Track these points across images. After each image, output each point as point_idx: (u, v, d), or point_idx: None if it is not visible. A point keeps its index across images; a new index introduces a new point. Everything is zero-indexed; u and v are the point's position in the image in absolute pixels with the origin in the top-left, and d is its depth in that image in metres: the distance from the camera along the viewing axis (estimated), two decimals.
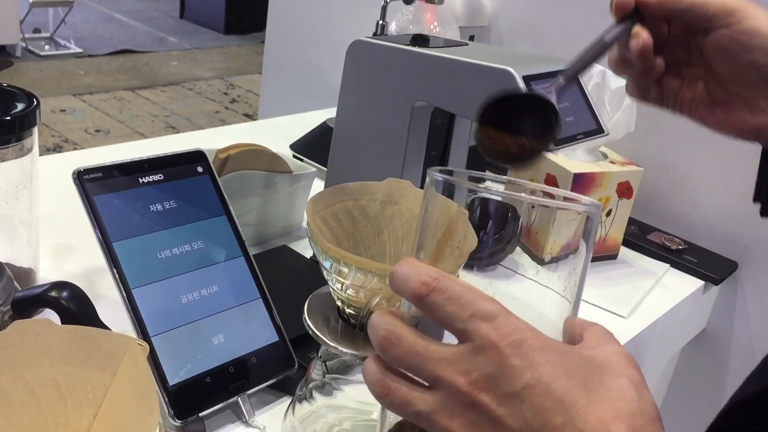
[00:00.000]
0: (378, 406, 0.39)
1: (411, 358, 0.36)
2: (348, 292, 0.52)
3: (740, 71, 0.53)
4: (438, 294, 0.36)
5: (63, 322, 0.49)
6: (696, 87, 0.56)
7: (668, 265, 1.05)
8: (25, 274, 0.75)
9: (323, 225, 0.54)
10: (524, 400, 0.34)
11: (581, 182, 1.00)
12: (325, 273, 0.53)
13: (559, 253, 0.50)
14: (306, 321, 0.56)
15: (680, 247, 1.08)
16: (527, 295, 0.57)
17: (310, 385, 0.61)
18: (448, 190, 0.45)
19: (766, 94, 0.52)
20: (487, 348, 0.34)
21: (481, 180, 0.50)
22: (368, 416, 0.60)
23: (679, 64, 0.56)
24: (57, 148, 3.40)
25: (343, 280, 0.51)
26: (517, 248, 0.63)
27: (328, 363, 0.61)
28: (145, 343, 0.43)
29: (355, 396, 0.59)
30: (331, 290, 0.56)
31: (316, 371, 0.61)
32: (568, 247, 0.48)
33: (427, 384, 0.36)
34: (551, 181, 1.03)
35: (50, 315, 0.49)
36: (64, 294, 0.49)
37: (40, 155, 1.00)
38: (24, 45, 4.52)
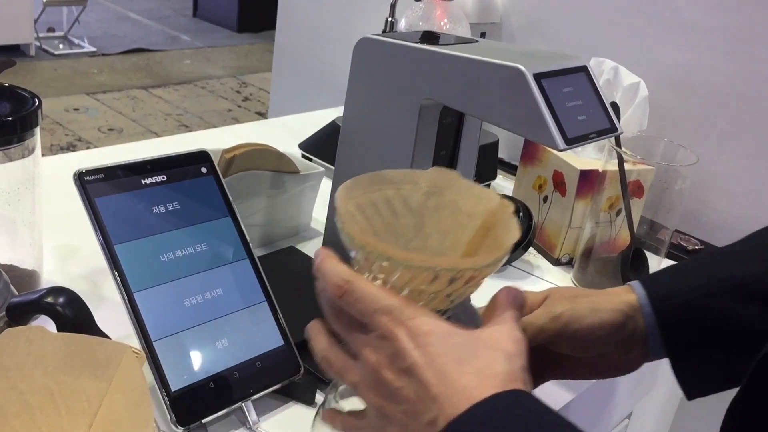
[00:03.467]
0: None
1: (343, 331, 0.47)
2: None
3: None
4: (348, 295, 0.45)
5: (59, 329, 0.48)
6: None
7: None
8: (28, 276, 0.74)
9: (358, 213, 0.50)
10: (413, 375, 0.43)
11: (588, 180, 0.98)
12: (356, 268, 0.48)
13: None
14: None
15: (696, 247, 1.06)
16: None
17: (340, 389, 0.57)
18: None
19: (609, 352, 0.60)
20: (386, 335, 0.44)
21: None
22: None
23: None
24: (70, 147, 3.41)
25: (382, 276, 0.46)
26: (531, 249, 0.61)
27: None
28: (141, 352, 0.42)
29: None
30: None
31: None
32: None
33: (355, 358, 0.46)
34: (558, 177, 1.01)
35: (46, 321, 0.48)
36: (60, 300, 0.48)
37: (53, 154, 0.99)
38: (38, 44, 4.55)
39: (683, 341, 0.58)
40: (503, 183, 1.26)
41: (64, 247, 0.85)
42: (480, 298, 0.55)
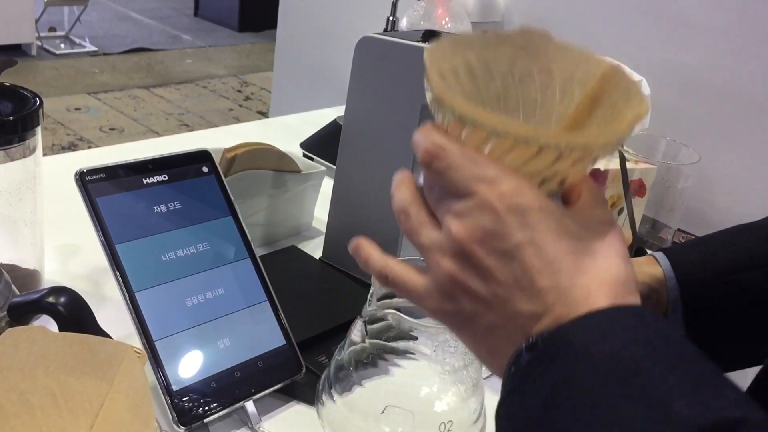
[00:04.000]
0: None
1: (432, 202, 0.39)
2: None
3: None
4: (439, 161, 0.38)
5: (60, 329, 0.48)
6: None
7: None
8: (29, 276, 0.74)
9: (441, 82, 0.41)
10: (514, 258, 0.36)
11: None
12: None
13: None
14: None
15: None
16: None
17: (349, 350, 0.56)
18: None
19: None
20: (485, 207, 0.36)
21: None
22: (418, 393, 0.56)
23: None
24: (72, 147, 3.41)
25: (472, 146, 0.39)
26: None
27: (369, 326, 0.55)
28: (143, 352, 0.42)
29: (400, 370, 0.54)
30: None
31: (355, 333, 0.56)
32: None
33: (437, 223, 0.39)
34: None
35: (48, 321, 0.48)
36: (62, 300, 0.48)
37: (55, 153, 0.99)
38: (39, 44, 4.54)
39: (704, 316, 0.55)
40: None
41: (65, 247, 0.85)
42: None
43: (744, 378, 0.61)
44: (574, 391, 0.33)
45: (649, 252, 0.63)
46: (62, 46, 4.71)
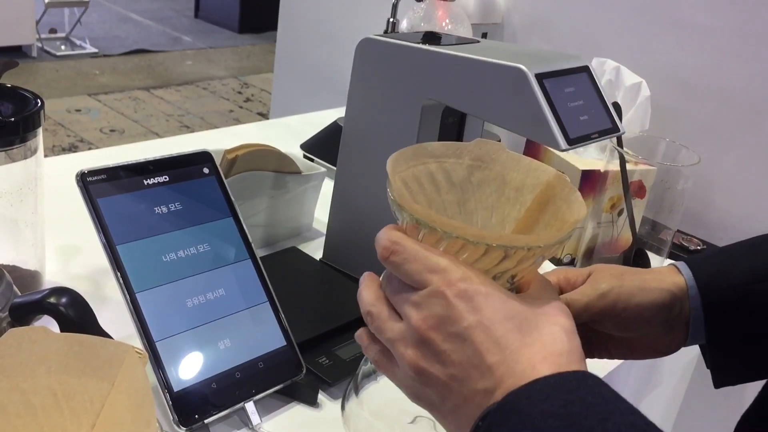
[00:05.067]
0: None
1: (391, 295, 0.44)
2: None
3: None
4: (396, 255, 0.43)
5: (62, 330, 0.48)
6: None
7: None
8: (31, 277, 0.74)
9: (404, 187, 0.47)
10: (466, 339, 0.40)
11: (590, 180, 0.98)
12: None
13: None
14: None
15: (698, 247, 1.06)
16: None
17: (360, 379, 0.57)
18: None
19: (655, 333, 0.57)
20: (437, 294, 0.41)
21: None
22: None
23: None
24: (72, 148, 3.41)
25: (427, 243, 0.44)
26: None
27: None
28: (144, 352, 0.42)
29: None
30: None
31: None
32: None
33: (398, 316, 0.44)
34: None
35: (49, 322, 0.48)
36: (63, 300, 0.48)
37: (56, 155, 0.99)
38: (40, 45, 4.55)
39: (725, 326, 0.56)
40: None
41: (66, 248, 0.85)
42: None
43: (741, 401, 0.61)
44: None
45: (670, 261, 0.63)
46: (63, 47, 4.72)
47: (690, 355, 1.01)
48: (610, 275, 0.56)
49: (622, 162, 0.94)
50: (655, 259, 0.98)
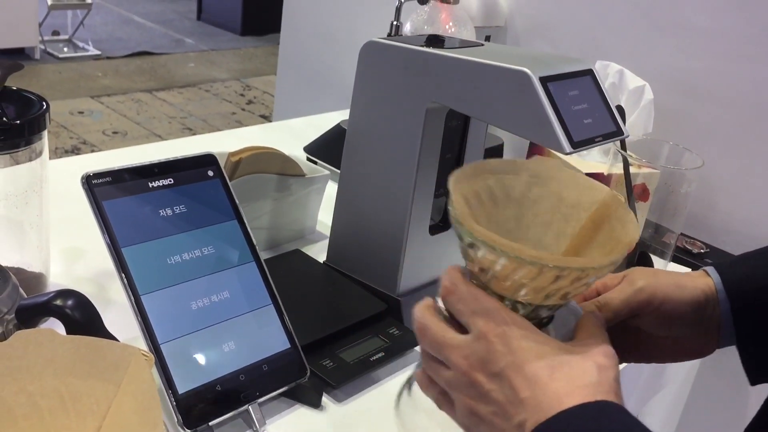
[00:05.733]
0: None
1: (433, 344, 0.48)
2: (491, 279, 0.48)
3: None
4: (452, 296, 0.48)
5: (68, 332, 0.48)
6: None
7: (689, 269, 1.03)
8: (35, 279, 0.74)
9: (465, 204, 0.49)
10: (503, 378, 0.44)
11: None
12: (469, 263, 0.49)
13: None
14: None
15: (702, 250, 1.06)
16: None
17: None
18: None
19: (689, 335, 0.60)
20: (481, 337, 0.46)
21: None
22: None
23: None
24: (75, 150, 3.42)
25: (489, 267, 0.46)
26: None
27: None
28: (150, 354, 0.42)
29: None
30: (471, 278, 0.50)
31: None
32: None
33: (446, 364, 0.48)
34: None
35: (55, 324, 0.48)
36: (69, 303, 0.48)
37: (59, 157, 0.99)
38: (43, 47, 4.55)
39: (754, 327, 0.58)
40: None
41: (70, 250, 0.85)
42: None
43: (743, 403, 0.61)
44: None
45: (673, 264, 0.65)
46: (65, 49, 4.72)
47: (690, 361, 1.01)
48: (645, 274, 0.58)
49: (626, 165, 0.94)
50: (658, 263, 0.98)
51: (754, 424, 0.54)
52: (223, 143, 1.17)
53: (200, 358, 0.62)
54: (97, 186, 0.62)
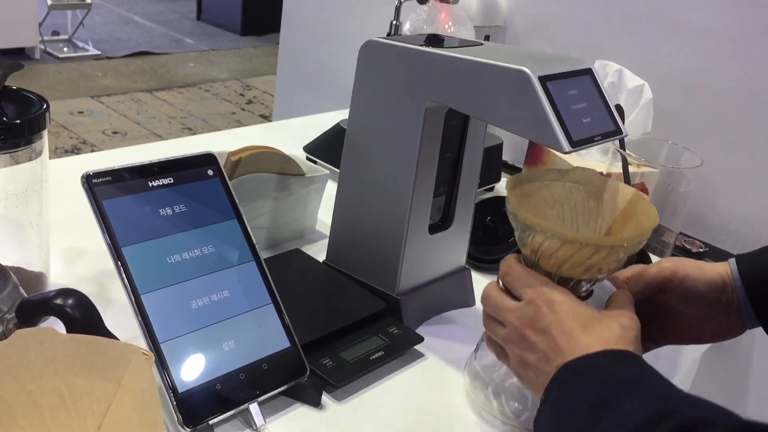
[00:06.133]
0: None
1: (494, 308, 0.63)
2: (540, 258, 0.62)
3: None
4: (507, 276, 0.63)
5: (68, 331, 0.48)
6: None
7: None
8: (35, 278, 0.74)
9: (518, 201, 0.63)
10: (547, 333, 0.58)
11: None
12: (523, 249, 0.64)
13: None
14: None
15: (701, 249, 1.06)
16: None
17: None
18: None
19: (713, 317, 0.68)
20: (530, 303, 0.60)
21: None
22: None
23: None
24: (75, 150, 3.42)
25: (538, 247, 0.61)
26: None
27: None
28: (150, 353, 0.42)
29: None
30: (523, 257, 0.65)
31: None
32: None
33: (503, 324, 0.62)
34: None
35: (56, 323, 0.48)
36: (70, 301, 0.48)
37: (58, 157, 0.99)
38: (43, 47, 4.55)
39: None
40: None
41: (71, 250, 0.85)
42: None
43: (742, 404, 0.61)
44: (568, 390, 0.55)
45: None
46: (65, 49, 4.72)
47: (694, 356, 1.01)
48: (671, 259, 0.69)
49: (625, 164, 0.94)
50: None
51: None
52: (223, 143, 1.17)
53: (200, 357, 0.62)
54: (97, 185, 0.62)
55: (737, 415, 0.46)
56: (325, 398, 0.68)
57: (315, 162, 1.14)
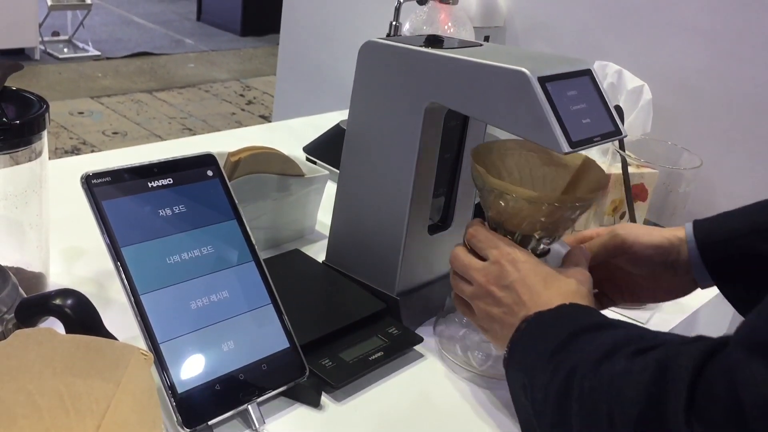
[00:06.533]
0: None
1: (461, 267, 0.69)
2: (503, 218, 0.69)
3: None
4: (473, 238, 0.69)
5: (67, 331, 0.48)
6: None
7: None
8: (35, 279, 0.74)
9: (482, 167, 0.69)
10: (511, 289, 0.65)
11: None
12: (488, 210, 0.71)
13: None
14: None
15: None
16: None
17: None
18: None
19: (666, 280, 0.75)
20: (495, 262, 0.66)
21: None
22: None
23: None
24: (75, 151, 3.42)
25: (503, 208, 0.67)
26: None
27: None
28: (149, 354, 0.42)
29: None
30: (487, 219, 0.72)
31: None
32: None
33: (470, 282, 0.68)
34: None
35: (55, 323, 0.48)
36: (69, 302, 0.48)
37: (58, 157, 0.99)
38: (43, 48, 4.56)
39: (724, 270, 0.71)
40: None
41: (70, 250, 0.85)
42: None
43: None
44: (535, 335, 0.61)
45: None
46: (65, 50, 4.72)
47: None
48: (628, 226, 0.76)
49: (624, 165, 0.94)
50: None
51: None
52: (222, 143, 1.17)
53: (199, 358, 0.62)
54: (96, 186, 0.62)
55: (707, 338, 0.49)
56: (325, 399, 0.68)
57: (315, 162, 1.14)
